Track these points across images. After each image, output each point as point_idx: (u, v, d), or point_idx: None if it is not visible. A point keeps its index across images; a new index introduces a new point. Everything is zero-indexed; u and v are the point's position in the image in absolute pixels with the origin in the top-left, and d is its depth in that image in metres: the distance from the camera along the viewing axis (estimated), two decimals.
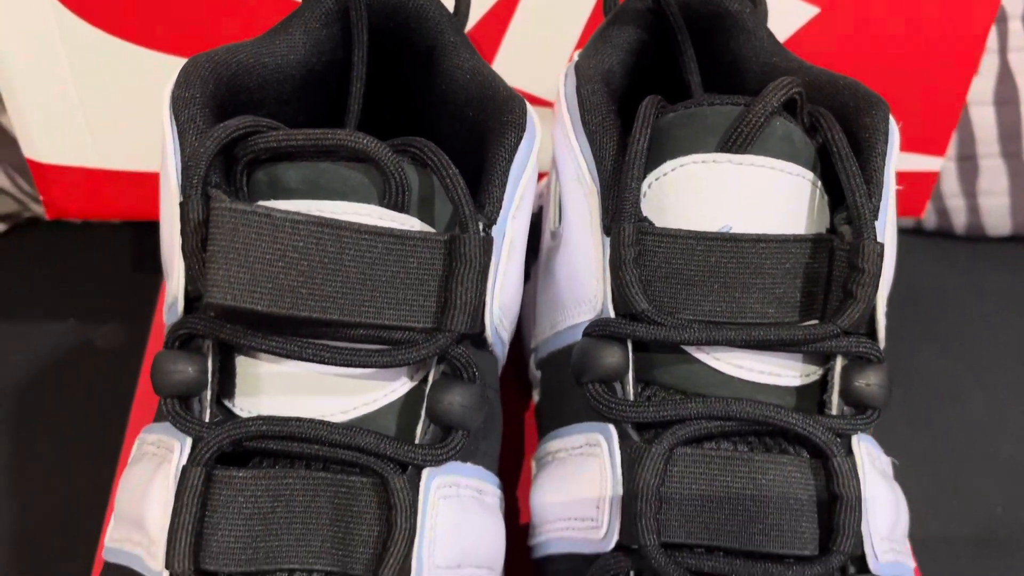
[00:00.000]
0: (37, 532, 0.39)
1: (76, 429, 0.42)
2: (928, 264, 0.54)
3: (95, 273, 0.50)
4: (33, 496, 0.40)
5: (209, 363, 0.20)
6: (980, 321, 0.52)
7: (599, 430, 0.22)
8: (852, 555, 0.21)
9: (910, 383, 0.48)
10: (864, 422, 0.21)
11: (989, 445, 0.46)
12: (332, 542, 0.20)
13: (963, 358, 0.50)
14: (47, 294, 0.49)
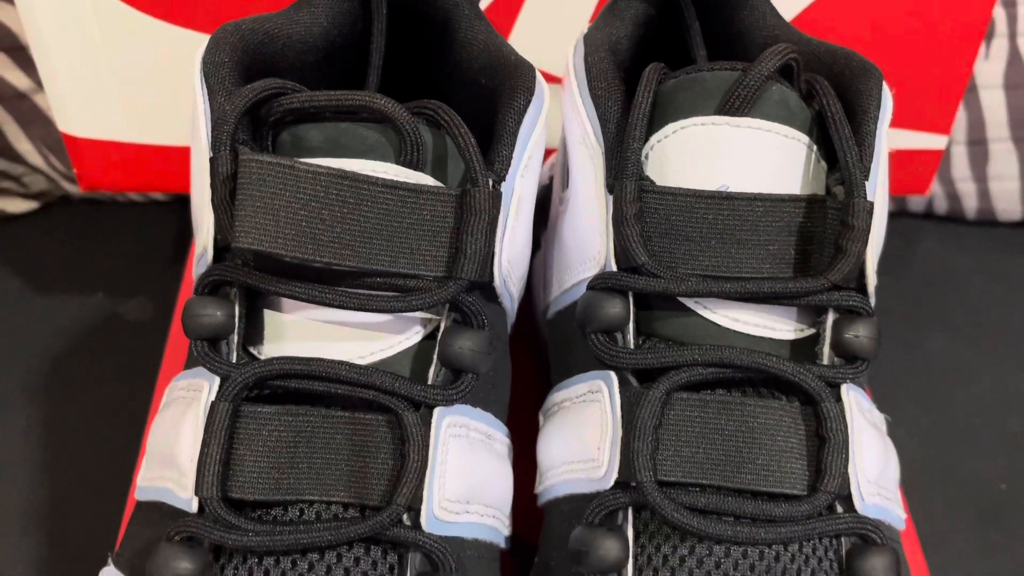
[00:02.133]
0: (68, 491, 0.40)
1: (104, 395, 0.44)
2: (938, 248, 0.55)
3: (123, 250, 0.51)
4: (64, 458, 0.42)
5: (236, 309, 0.22)
6: (989, 304, 0.52)
7: (601, 377, 0.23)
8: (839, 495, 0.22)
9: (918, 363, 0.49)
10: (853, 372, 0.23)
11: (995, 423, 0.46)
12: (349, 476, 0.21)
13: (971, 339, 0.50)
14: (77, 269, 0.50)
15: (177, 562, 0.20)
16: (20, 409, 0.43)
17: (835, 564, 0.22)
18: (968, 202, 0.54)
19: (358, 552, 0.21)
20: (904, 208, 0.55)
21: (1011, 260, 0.55)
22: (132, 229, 0.52)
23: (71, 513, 0.40)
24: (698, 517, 0.21)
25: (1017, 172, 0.52)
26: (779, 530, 0.21)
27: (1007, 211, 0.55)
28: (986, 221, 0.56)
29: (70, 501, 0.40)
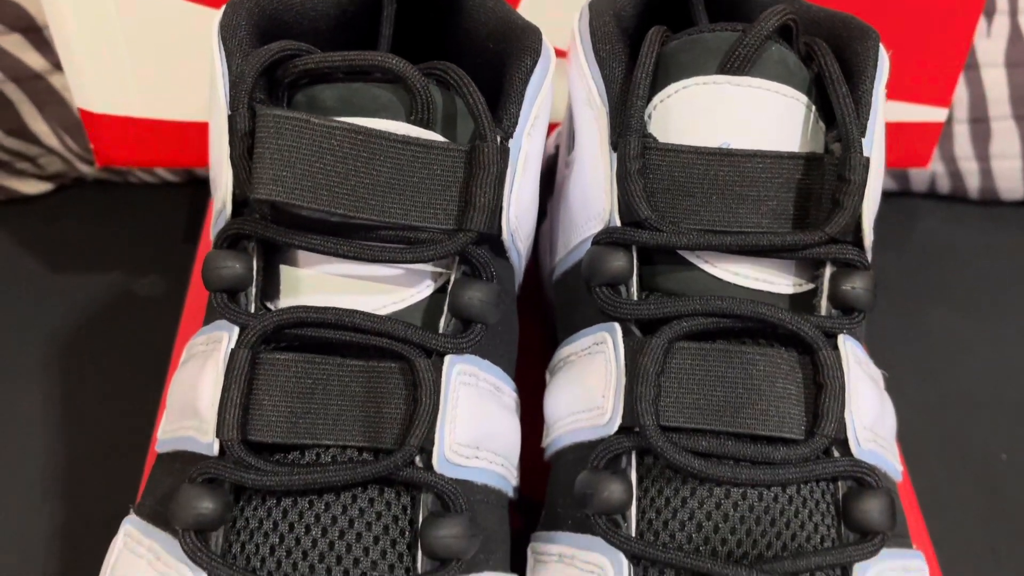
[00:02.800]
0: (86, 460, 0.41)
1: (120, 368, 0.45)
2: (941, 226, 0.55)
3: (137, 230, 0.52)
4: (82, 427, 0.43)
5: (254, 262, 0.23)
6: (990, 279, 0.53)
7: (606, 329, 0.24)
8: (835, 439, 0.22)
9: (920, 336, 0.50)
10: (849, 323, 0.23)
11: (995, 395, 0.47)
12: (364, 422, 0.22)
13: (972, 313, 0.51)
14: (92, 249, 0.51)
15: (199, 502, 0.21)
16: (39, 382, 0.44)
17: (832, 507, 0.22)
18: (971, 181, 0.55)
19: (372, 493, 0.22)
20: (907, 187, 0.56)
21: (1013, 238, 0.55)
22: (145, 210, 0.53)
23: (89, 480, 0.41)
24: (699, 459, 0.22)
25: (1019, 151, 0.53)
26: (777, 472, 0.22)
27: (1010, 190, 0.55)
28: (989, 200, 0.56)
29: (88, 469, 0.41)
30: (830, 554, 0.21)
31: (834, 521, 0.22)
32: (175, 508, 0.21)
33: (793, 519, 0.22)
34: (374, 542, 0.22)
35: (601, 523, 0.22)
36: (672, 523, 0.22)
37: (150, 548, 0.23)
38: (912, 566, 0.24)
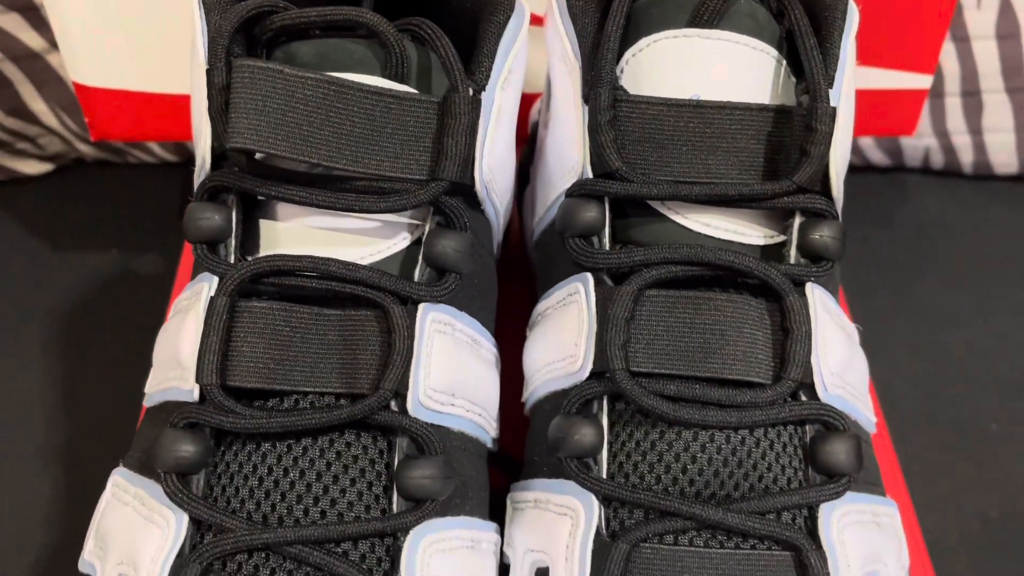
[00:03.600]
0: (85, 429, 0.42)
1: (118, 342, 0.46)
2: (935, 201, 0.56)
3: (135, 209, 0.53)
4: (82, 399, 0.44)
5: (233, 214, 0.23)
6: (983, 253, 0.53)
7: (578, 280, 0.24)
8: (802, 383, 0.23)
9: (912, 309, 0.50)
10: (817, 271, 0.24)
11: (986, 367, 0.47)
12: (340, 369, 0.22)
13: (964, 286, 0.51)
14: (91, 227, 0.52)
15: (180, 445, 0.22)
16: (40, 356, 0.45)
17: (799, 449, 0.23)
18: (964, 155, 0.55)
19: (349, 437, 0.23)
20: (901, 163, 0.56)
21: (1007, 212, 0.55)
22: (144, 189, 0.54)
23: (89, 449, 0.41)
24: (667, 403, 0.22)
25: (1011, 123, 0.53)
26: (744, 415, 0.22)
27: (1004, 164, 0.55)
28: (983, 175, 0.56)
29: (88, 438, 0.42)
30: (796, 494, 0.22)
31: (801, 464, 0.23)
32: (157, 451, 0.22)
33: (760, 461, 0.22)
34: (351, 484, 0.22)
35: (573, 466, 0.23)
36: (642, 465, 0.23)
37: (136, 495, 0.23)
38: (882, 511, 0.24)
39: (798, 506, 0.22)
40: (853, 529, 0.22)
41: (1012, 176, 0.56)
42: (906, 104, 0.41)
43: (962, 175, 0.56)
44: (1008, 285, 0.51)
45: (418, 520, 0.22)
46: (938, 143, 0.54)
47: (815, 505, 0.22)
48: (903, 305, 0.50)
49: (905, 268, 0.52)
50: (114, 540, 0.23)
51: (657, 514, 0.22)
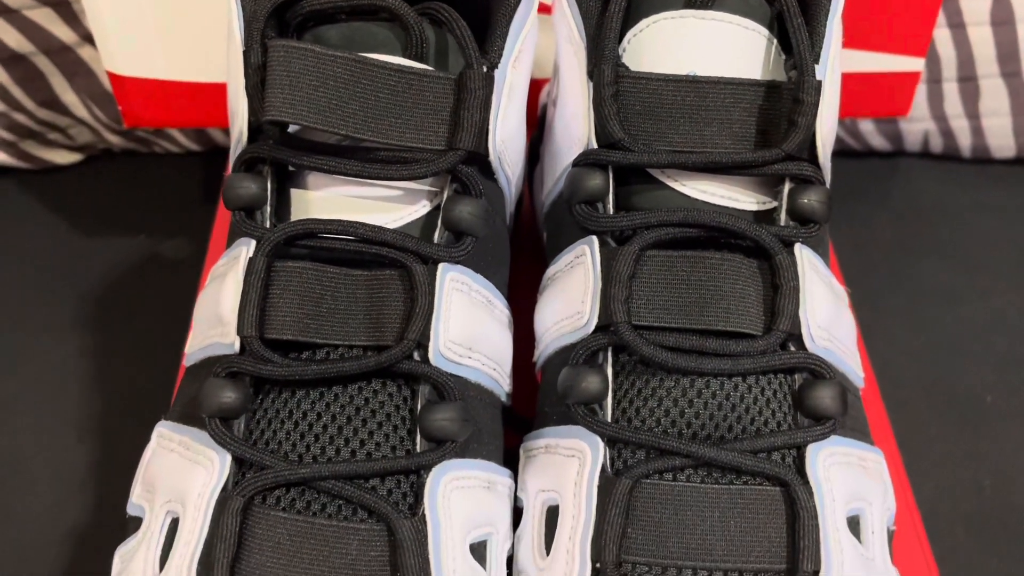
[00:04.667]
0: (116, 406, 0.45)
1: (146, 324, 0.48)
2: (934, 184, 0.57)
3: (161, 197, 0.55)
4: (111, 377, 0.46)
5: (268, 183, 0.26)
6: (981, 234, 0.54)
7: (585, 242, 0.26)
8: (791, 335, 0.25)
9: (910, 287, 0.52)
10: (805, 233, 0.26)
11: (983, 342, 0.49)
12: (367, 324, 0.25)
13: (963, 265, 0.53)
14: (119, 214, 0.55)
15: (223, 392, 0.24)
16: (72, 337, 0.47)
17: (788, 396, 0.25)
18: (963, 139, 0.56)
19: (376, 385, 0.25)
20: (901, 148, 0.57)
21: (1005, 194, 0.57)
22: (169, 178, 0.57)
23: (119, 424, 0.44)
24: (667, 352, 0.24)
25: (1008, 107, 0.54)
26: (737, 363, 0.24)
27: (1001, 147, 0.57)
28: (981, 158, 0.57)
29: (118, 415, 0.44)
30: (785, 435, 0.24)
31: (790, 409, 0.25)
32: (201, 399, 0.24)
33: (752, 406, 0.24)
34: (378, 427, 0.24)
35: (580, 411, 0.25)
36: (643, 410, 0.25)
37: (180, 442, 0.25)
38: (868, 456, 0.26)
39: (787, 446, 0.24)
40: (838, 468, 0.24)
41: (1010, 160, 0.57)
42: (900, 86, 0.42)
43: (961, 159, 0.58)
44: (1005, 265, 0.53)
45: (439, 459, 0.24)
46: (937, 127, 0.55)
47: (803, 445, 0.24)
48: (902, 283, 0.52)
49: (905, 248, 0.54)
50: (161, 482, 0.25)
51: (657, 453, 0.24)
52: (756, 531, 0.23)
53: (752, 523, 0.23)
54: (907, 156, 0.58)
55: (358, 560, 0.22)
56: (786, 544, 0.23)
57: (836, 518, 0.23)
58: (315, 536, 0.23)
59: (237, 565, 0.22)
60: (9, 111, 0.52)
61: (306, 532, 0.23)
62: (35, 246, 0.53)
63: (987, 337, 0.49)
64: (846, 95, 0.39)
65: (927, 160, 0.58)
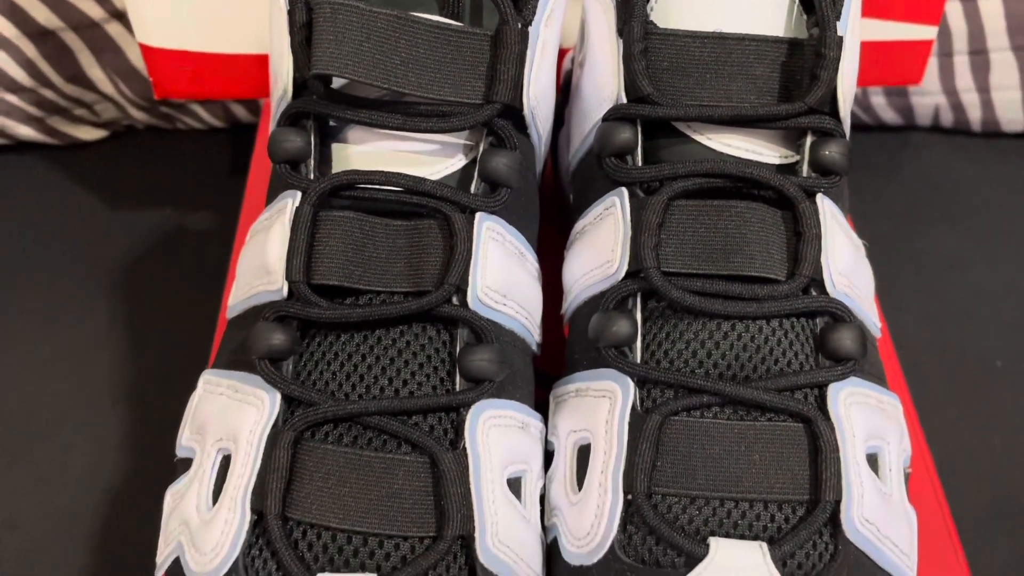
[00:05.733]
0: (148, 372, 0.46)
1: (175, 294, 0.49)
2: (945, 158, 0.58)
3: (187, 172, 0.57)
4: (143, 345, 0.47)
5: (312, 137, 0.27)
6: (991, 205, 0.55)
7: (615, 194, 0.28)
8: (813, 280, 0.26)
9: (921, 256, 0.53)
10: (827, 183, 0.27)
11: (993, 310, 0.50)
12: (408, 271, 0.26)
13: (973, 235, 0.54)
14: (146, 188, 0.56)
15: (272, 334, 0.25)
16: (102, 308, 0.49)
17: (810, 339, 0.26)
18: (973, 113, 0.57)
19: (417, 329, 0.26)
20: (912, 122, 0.58)
21: (1015, 167, 0.58)
22: (193, 154, 0.58)
23: (151, 389, 0.45)
24: (694, 296, 0.25)
25: (1018, 81, 0.55)
26: (762, 306, 0.25)
27: (1011, 121, 0.57)
28: (991, 132, 0.58)
29: (150, 380, 0.45)
30: (807, 374, 0.25)
31: (812, 351, 0.26)
32: (251, 342, 0.25)
33: (776, 347, 0.26)
34: (419, 368, 0.25)
35: (611, 354, 0.26)
36: (671, 352, 0.26)
37: (229, 386, 0.27)
38: (886, 400, 0.27)
39: (809, 385, 0.25)
40: (858, 408, 0.25)
41: (1019, 133, 0.58)
42: (913, 55, 0.43)
43: (971, 133, 0.59)
44: (1014, 235, 0.54)
45: (478, 397, 0.25)
46: (947, 101, 0.56)
47: (824, 384, 0.25)
48: (914, 253, 0.53)
49: (916, 219, 0.55)
50: (211, 424, 0.26)
51: (685, 392, 0.25)
52: (780, 464, 0.24)
53: (776, 457, 0.24)
54: (918, 130, 0.59)
55: (404, 489, 0.24)
56: (809, 477, 0.24)
57: (856, 453, 0.25)
58: (363, 467, 0.24)
59: (289, 495, 0.24)
60: (37, 87, 0.53)
61: (354, 463, 0.24)
62: (63, 220, 0.54)
63: (996, 304, 0.50)
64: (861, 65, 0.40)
65: (938, 134, 0.59)
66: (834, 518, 0.24)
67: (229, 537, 0.24)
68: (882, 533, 0.25)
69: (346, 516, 0.23)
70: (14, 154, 0.57)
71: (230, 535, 0.23)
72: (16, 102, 0.54)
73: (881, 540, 0.24)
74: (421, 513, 0.24)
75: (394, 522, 0.23)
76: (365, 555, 0.23)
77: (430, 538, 0.24)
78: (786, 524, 0.24)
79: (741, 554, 0.23)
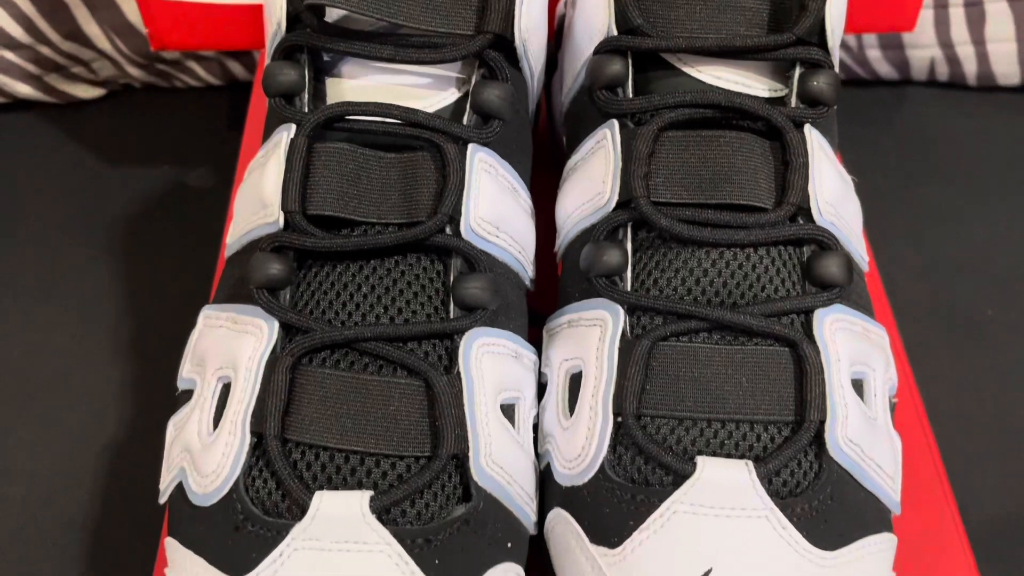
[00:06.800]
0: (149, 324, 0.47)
1: (174, 248, 0.50)
2: (940, 111, 0.58)
3: (184, 129, 0.57)
4: (144, 297, 0.48)
5: (305, 70, 0.27)
6: (985, 159, 0.56)
7: (606, 126, 0.28)
8: (800, 207, 0.26)
9: (914, 208, 0.53)
10: (815, 114, 0.27)
11: (984, 260, 0.50)
12: (401, 203, 0.26)
13: (966, 188, 0.54)
14: (143, 146, 0.56)
15: (269, 264, 0.26)
16: (103, 264, 0.49)
17: (797, 266, 0.26)
18: (968, 66, 0.57)
19: (411, 259, 0.26)
20: (908, 76, 0.58)
21: (1010, 121, 0.58)
22: (190, 112, 0.58)
23: (150, 341, 0.46)
24: (683, 224, 0.26)
25: (1013, 33, 0.55)
26: (750, 234, 0.26)
27: (1006, 75, 0.57)
28: (987, 86, 0.58)
29: (150, 333, 0.46)
30: (794, 300, 0.26)
31: (799, 279, 0.26)
32: (249, 272, 0.26)
33: (763, 275, 0.26)
34: (414, 297, 0.26)
35: (602, 283, 0.26)
36: (661, 280, 0.26)
37: (228, 318, 0.27)
38: (872, 329, 0.28)
39: (795, 310, 0.26)
40: (843, 333, 0.26)
41: (1014, 87, 0.58)
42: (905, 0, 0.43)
43: (966, 87, 0.59)
44: (1007, 187, 0.54)
45: (472, 324, 0.26)
46: (943, 54, 0.56)
47: (810, 310, 0.26)
48: (907, 206, 0.53)
49: (909, 173, 0.55)
50: (211, 354, 0.27)
51: (675, 318, 0.26)
52: (766, 386, 0.25)
53: (763, 379, 0.25)
54: (914, 85, 0.59)
55: (399, 411, 0.24)
56: (794, 398, 0.25)
57: (841, 376, 0.25)
58: (359, 390, 0.24)
59: (288, 417, 0.24)
60: (35, 43, 0.54)
61: (351, 386, 0.24)
62: (63, 178, 0.54)
63: (988, 255, 0.51)
64: (853, 10, 0.40)
65: (933, 88, 0.59)
66: (819, 438, 0.25)
67: (229, 459, 0.24)
68: (866, 455, 0.25)
69: (344, 436, 0.24)
70: (13, 113, 0.58)
71: (231, 457, 0.24)
72: (14, 59, 0.54)
73: (865, 461, 0.25)
74: (416, 434, 0.24)
75: (390, 442, 0.24)
76: (362, 474, 0.24)
77: (425, 457, 0.24)
78: (772, 444, 0.25)
79: (727, 472, 0.24)
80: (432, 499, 0.24)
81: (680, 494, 0.23)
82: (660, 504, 0.24)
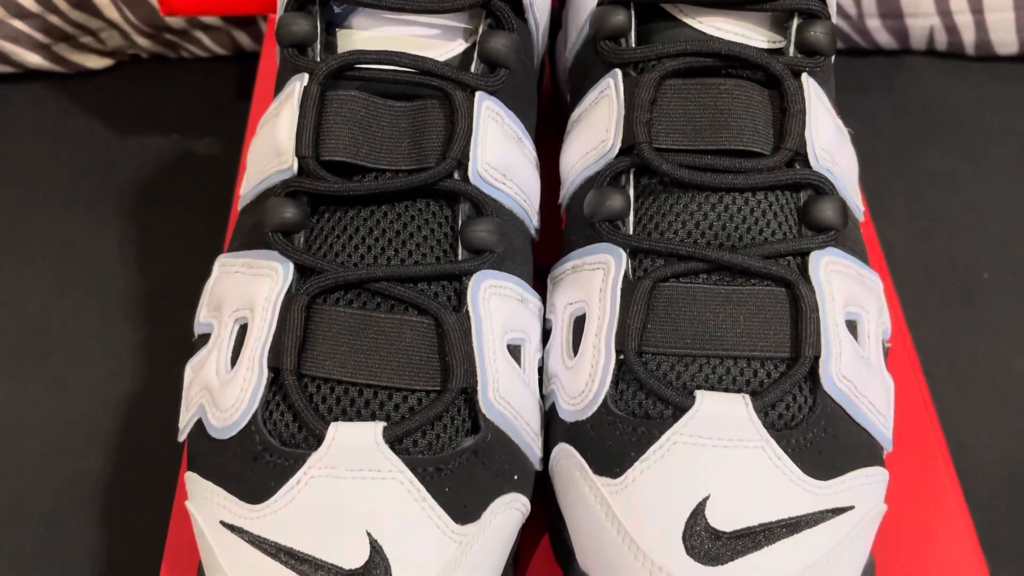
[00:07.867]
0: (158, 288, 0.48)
1: (183, 215, 0.51)
2: (939, 81, 0.59)
3: (192, 98, 0.58)
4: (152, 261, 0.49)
5: (317, 21, 0.28)
6: (984, 126, 0.56)
7: (609, 76, 0.29)
8: (797, 153, 0.27)
9: (913, 174, 0.54)
10: (812, 63, 0.28)
11: (981, 223, 0.51)
12: (411, 150, 0.27)
13: (965, 155, 0.55)
14: (152, 115, 0.57)
15: (284, 208, 0.26)
16: (114, 231, 0.50)
17: (794, 211, 0.27)
18: (967, 35, 0.57)
19: (420, 204, 0.27)
20: (907, 45, 0.59)
21: (1008, 89, 0.58)
22: (197, 82, 0.59)
23: (160, 304, 0.47)
24: (684, 169, 0.27)
25: (1011, 2, 0.55)
26: (748, 178, 0.27)
27: (1004, 43, 0.58)
28: (985, 56, 0.59)
29: (159, 296, 0.47)
30: (790, 242, 0.26)
31: (796, 223, 0.27)
32: (263, 216, 0.27)
33: (761, 218, 0.27)
34: (424, 240, 0.27)
35: (605, 227, 0.27)
36: (662, 224, 0.27)
37: (243, 264, 0.28)
38: (866, 274, 0.29)
39: (792, 252, 0.27)
40: (838, 276, 0.27)
41: (1012, 56, 0.59)
42: None
43: (965, 56, 0.59)
44: (1006, 154, 0.55)
45: (479, 266, 0.27)
46: (941, 22, 0.57)
47: (806, 252, 0.27)
48: (906, 172, 0.54)
49: (908, 140, 0.56)
50: (227, 298, 0.28)
51: (675, 260, 0.26)
52: (763, 325, 0.26)
53: (760, 318, 0.26)
54: (912, 54, 0.60)
55: (410, 346, 0.25)
56: (790, 336, 0.26)
57: (836, 315, 0.26)
58: (372, 327, 0.25)
59: (303, 354, 0.25)
60: (44, 12, 0.54)
61: (365, 323, 0.25)
62: (73, 146, 0.55)
63: (986, 219, 0.51)
64: None
65: (932, 57, 0.60)
66: (813, 374, 0.26)
67: (248, 393, 0.25)
68: (859, 391, 0.26)
69: (357, 371, 0.25)
70: (23, 83, 0.58)
71: (248, 391, 0.25)
72: (23, 28, 0.55)
73: (858, 397, 0.26)
74: (427, 368, 0.25)
75: (402, 376, 0.25)
76: (375, 406, 0.25)
77: (435, 391, 0.25)
78: (768, 379, 0.26)
79: (725, 405, 0.25)
80: (442, 430, 0.25)
81: (680, 426, 0.24)
82: (660, 436, 0.25)
